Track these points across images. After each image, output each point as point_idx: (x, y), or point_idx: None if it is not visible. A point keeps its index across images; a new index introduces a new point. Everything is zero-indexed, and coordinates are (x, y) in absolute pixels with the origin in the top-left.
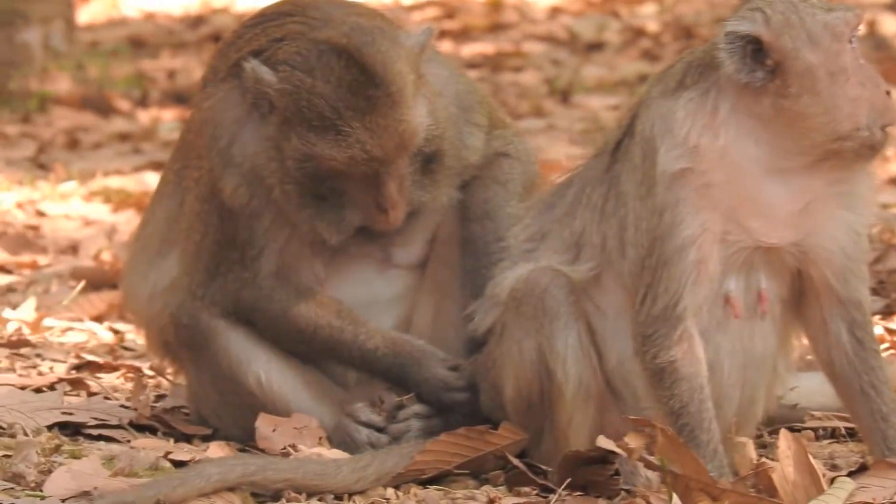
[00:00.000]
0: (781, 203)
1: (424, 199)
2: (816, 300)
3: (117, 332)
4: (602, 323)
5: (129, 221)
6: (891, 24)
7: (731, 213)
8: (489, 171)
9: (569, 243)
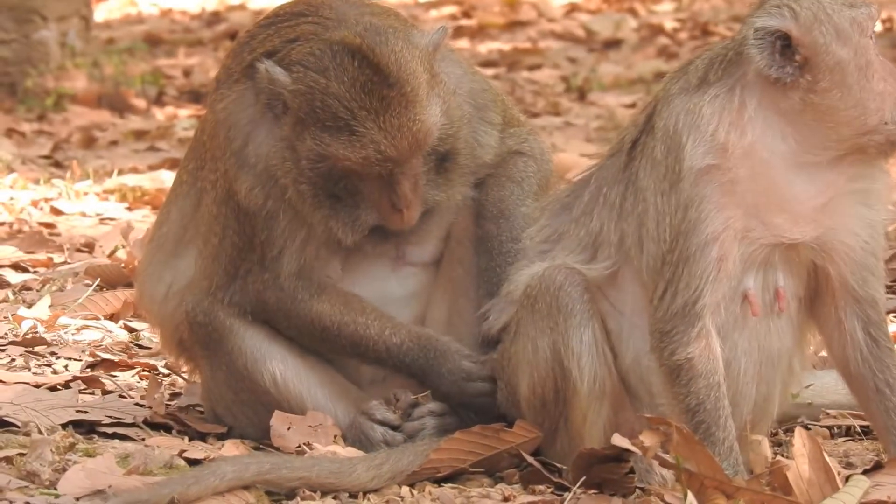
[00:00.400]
0: (805, 198)
1: (439, 197)
2: (832, 298)
3: (132, 330)
4: (617, 321)
5: (144, 219)
6: None
7: (754, 210)
8: (504, 170)
9: (585, 243)
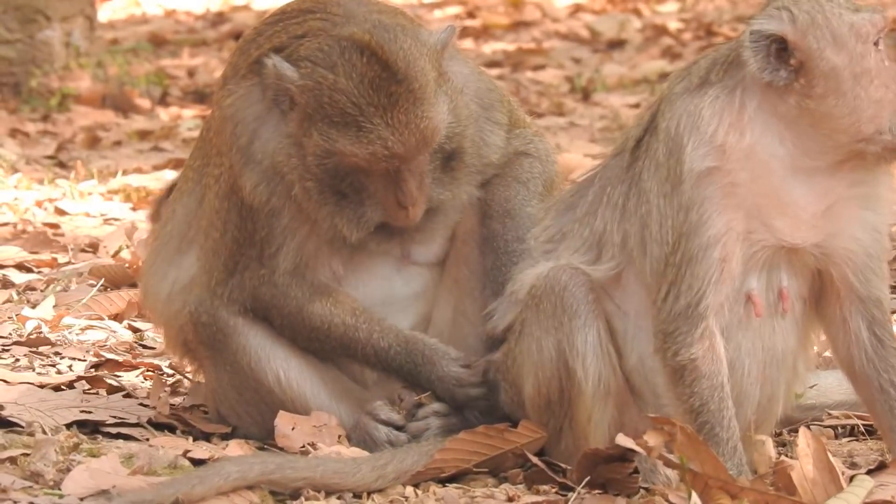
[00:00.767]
0: (805, 203)
1: (444, 196)
2: (836, 298)
3: (136, 330)
4: (622, 321)
5: (148, 220)
6: None
7: (755, 212)
8: (510, 170)
9: (590, 243)
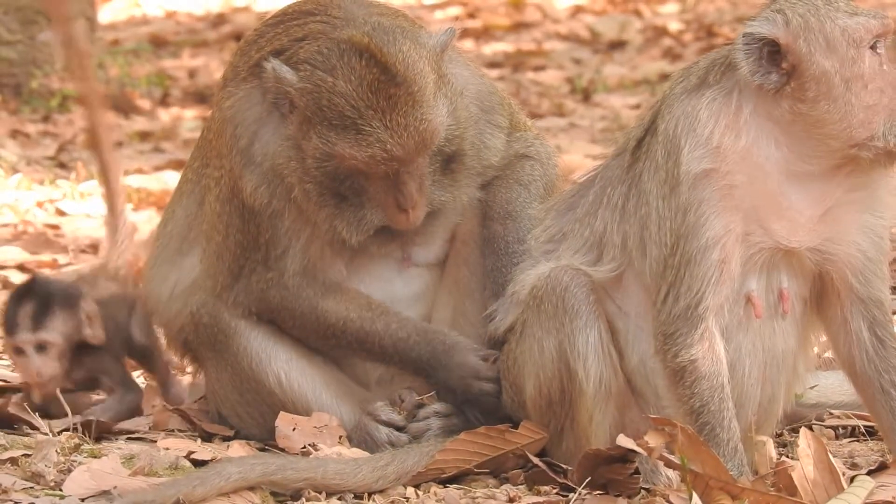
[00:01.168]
0: (802, 207)
1: (444, 198)
2: (837, 299)
3: None
4: (623, 322)
5: (149, 220)
6: None
7: (752, 215)
8: (511, 172)
9: (590, 243)
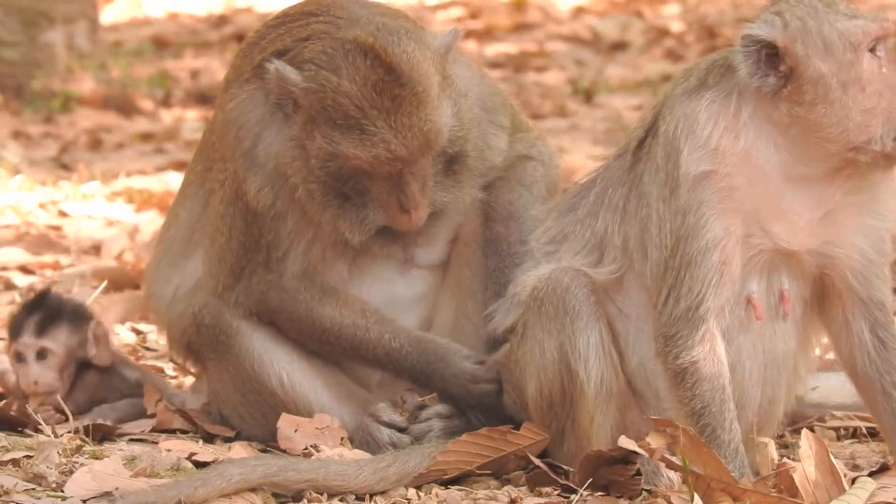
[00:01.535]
0: (801, 210)
1: (447, 199)
2: (839, 300)
3: (139, 332)
4: (624, 324)
5: (151, 222)
6: None
7: (752, 217)
8: (513, 173)
9: (591, 245)
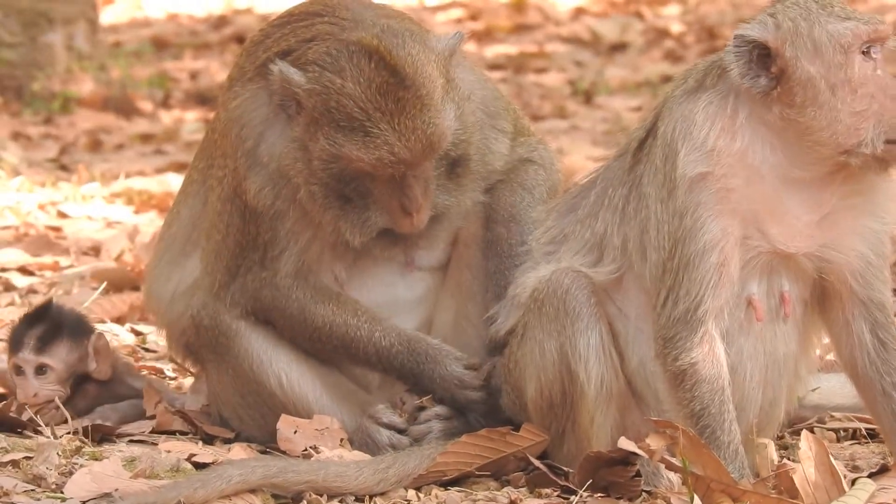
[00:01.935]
0: (799, 213)
1: (449, 202)
2: (839, 301)
3: (139, 333)
4: (624, 325)
5: (151, 223)
6: None
7: (750, 219)
8: (515, 176)
9: (591, 245)
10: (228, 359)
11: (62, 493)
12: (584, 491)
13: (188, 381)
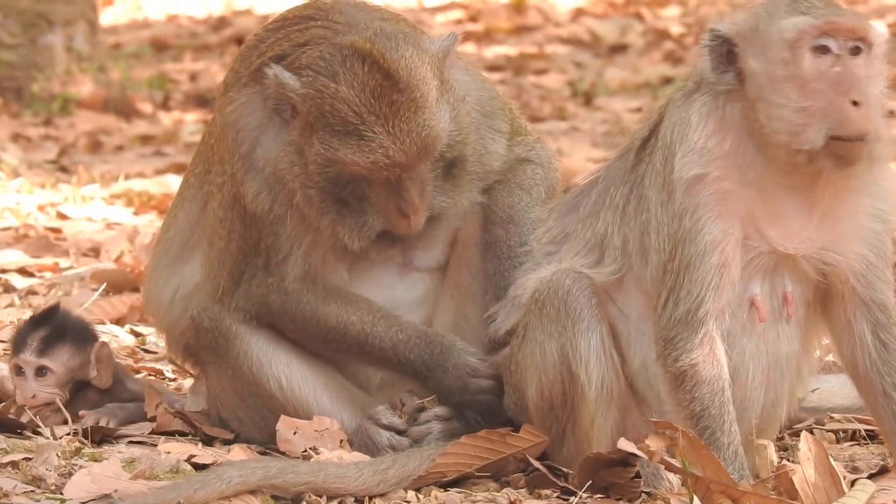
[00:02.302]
0: (794, 215)
1: (446, 204)
2: (841, 301)
3: (138, 334)
4: (624, 325)
5: (150, 224)
6: None
7: (749, 220)
8: (513, 176)
9: (591, 245)
10: (228, 360)
11: (62, 494)
12: (583, 492)
13: (188, 383)
